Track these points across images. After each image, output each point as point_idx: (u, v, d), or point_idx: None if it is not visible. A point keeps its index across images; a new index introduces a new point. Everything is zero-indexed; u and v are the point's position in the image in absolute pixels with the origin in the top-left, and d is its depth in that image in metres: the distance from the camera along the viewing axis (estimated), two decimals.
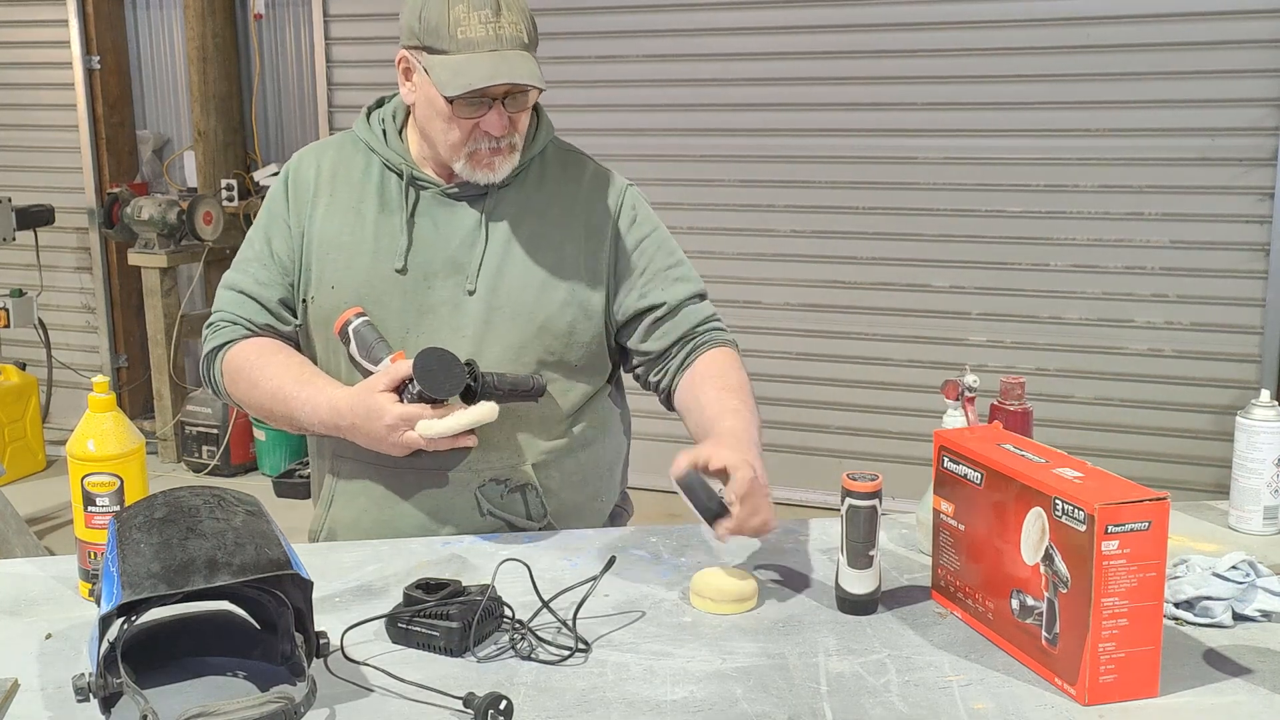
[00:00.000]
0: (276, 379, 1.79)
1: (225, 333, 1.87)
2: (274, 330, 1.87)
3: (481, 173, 1.79)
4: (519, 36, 1.71)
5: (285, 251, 1.87)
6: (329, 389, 1.76)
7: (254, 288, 1.87)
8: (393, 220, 1.83)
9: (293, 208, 1.88)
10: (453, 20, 1.69)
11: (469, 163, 1.78)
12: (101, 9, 5.34)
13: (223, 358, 1.86)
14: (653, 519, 2.26)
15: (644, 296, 1.87)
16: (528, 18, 1.73)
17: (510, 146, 1.79)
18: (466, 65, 1.69)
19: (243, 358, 1.84)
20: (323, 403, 1.75)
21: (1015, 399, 1.72)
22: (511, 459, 1.82)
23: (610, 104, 4.70)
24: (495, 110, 1.73)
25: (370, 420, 1.69)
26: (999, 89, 4.23)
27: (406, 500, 1.83)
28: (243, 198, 5.23)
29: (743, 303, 4.64)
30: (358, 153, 1.88)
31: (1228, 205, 4.05)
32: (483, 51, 1.69)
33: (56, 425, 5.41)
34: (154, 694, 1.27)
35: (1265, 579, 1.51)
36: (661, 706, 1.29)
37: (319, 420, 1.76)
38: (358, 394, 1.72)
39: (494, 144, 1.76)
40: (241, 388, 1.84)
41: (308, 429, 1.81)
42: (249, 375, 1.82)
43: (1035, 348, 4.33)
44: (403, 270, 1.81)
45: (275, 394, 1.79)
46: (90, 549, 1.53)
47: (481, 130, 1.75)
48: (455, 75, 1.69)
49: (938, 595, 1.56)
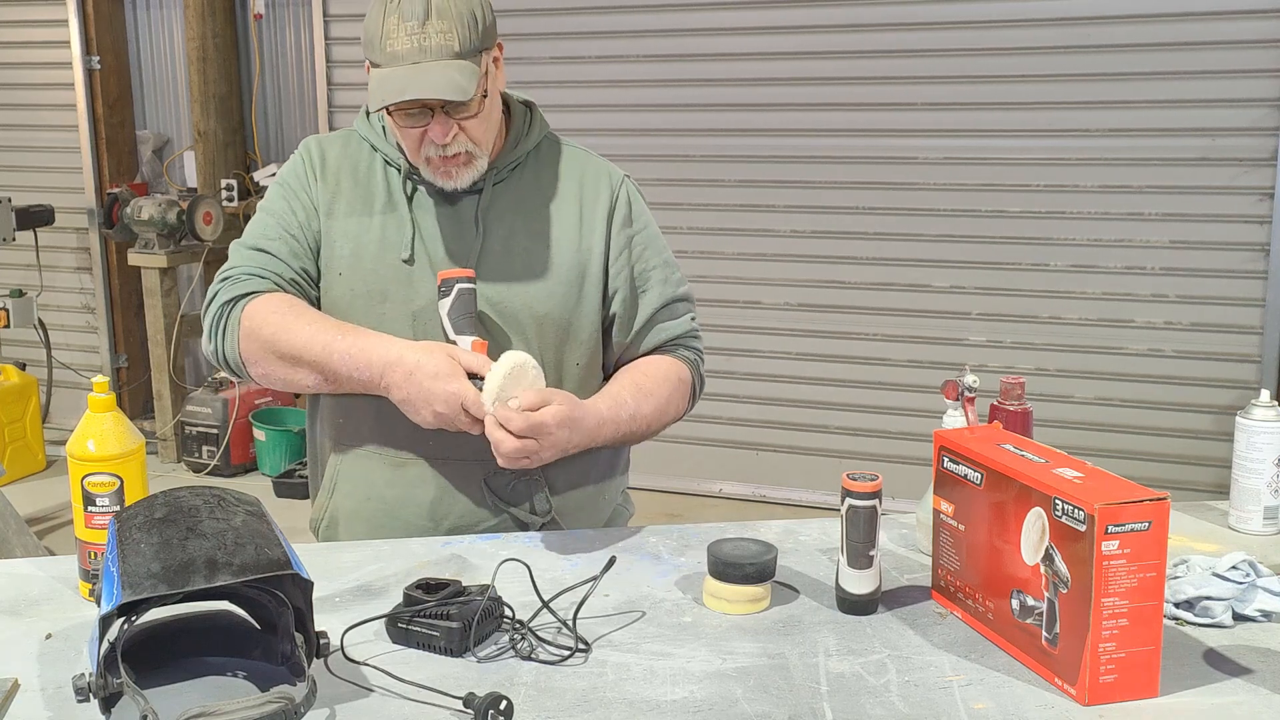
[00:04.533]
0: (315, 324, 1.74)
1: (249, 283, 1.79)
2: (300, 290, 1.82)
3: (440, 179, 1.80)
4: (447, 45, 1.68)
5: (310, 225, 1.84)
6: (387, 336, 1.72)
7: (279, 249, 1.82)
8: (396, 213, 1.84)
9: (313, 184, 1.86)
10: (384, 33, 1.69)
11: (429, 168, 1.79)
12: (101, 9, 5.35)
13: (244, 306, 1.77)
14: (653, 519, 2.26)
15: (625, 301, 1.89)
16: (465, 23, 1.69)
17: (466, 155, 1.77)
18: (388, 79, 1.69)
19: (271, 306, 1.76)
20: (376, 344, 1.69)
21: (1015, 399, 1.72)
22: None
23: (610, 104, 4.70)
24: (437, 119, 1.73)
25: (436, 380, 1.63)
26: (999, 89, 4.23)
27: (412, 489, 1.83)
28: (243, 198, 5.23)
29: (743, 303, 4.64)
30: (361, 149, 1.89)
31: (1228, 205, 4.05)
32: (404, 65, 1.68)
33: (56, 425, 5.41)
34: (154, 694, 1.27)
35: (1265, 579, 1.51)
36: (661, 706, 1.29)
37: (364, 361, 1.69)
38: (431, 349, 1.67)
39: (441, 151, 1.76)
40: (267, 334, 1.74)
41: (341, 376, 1.72)
42: (280, 320, 1.74)
43: (1035, 348, 4.33)
44: (409, 260, 1.81)
45: (312, 339, 1.72)
46: (90, 549, 1.53)
47: (429, 138, 1.75)
48: (378, 88, 1.70)
49: (938, 595, 1.56)
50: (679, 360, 1.92)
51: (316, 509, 1.94)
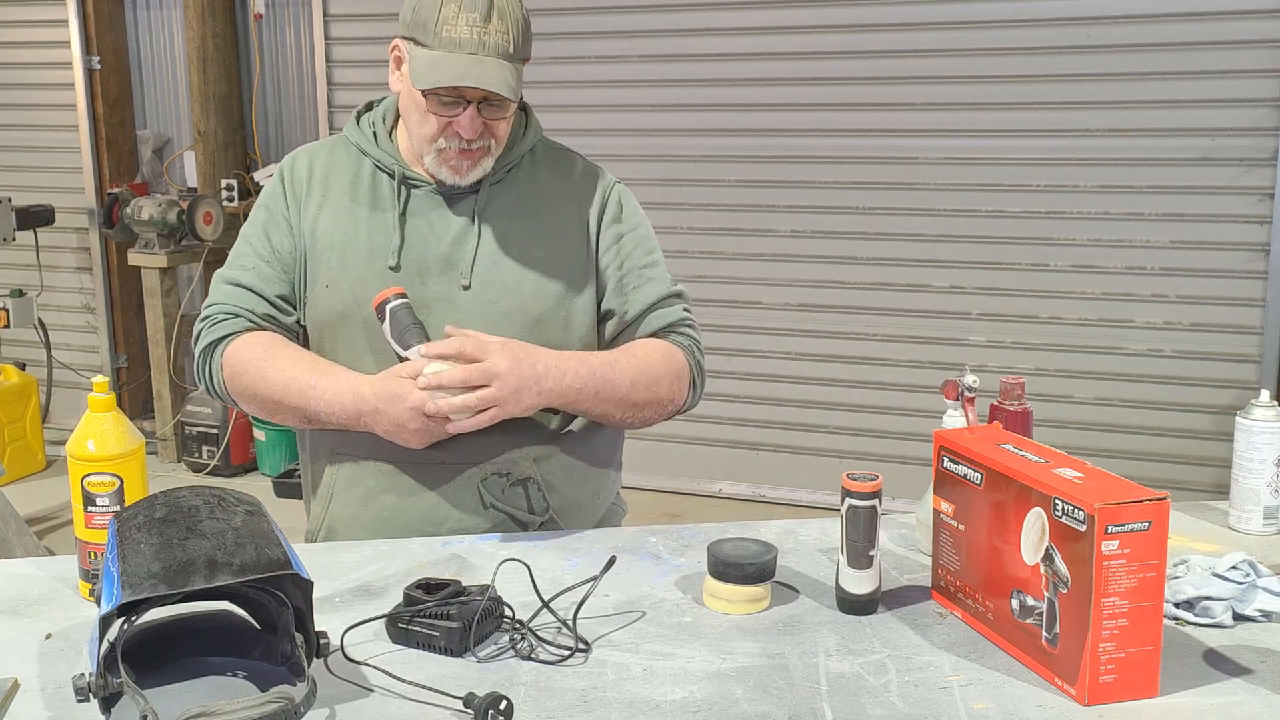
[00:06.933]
0: (290, 370, 1.77)
1: (225, 325, 1.84)
2: (276, 322, 1.86)
3: (447, 172, 1.81)
4: (504, 46, 1.72)
5: (287, 248, 1.87)
6: (350, 375, 1.76)
7: (254, 281, 1.85)
8: (384, 219, 1.84)
9: (292, 205, 1.88)
10: (442, 18, 1.70)
11: (437, 159, 1.80)
12: (101, 9, 5.34)
13: (224, 351, 1.83)
14: (652, 519, 2.26)
15: (615, 296, 1.89)
16: (520, 30, 1.74)
17: (483, 150, 1.80)
18: (442, 62, 1.70)
19: (248, 351, 1.81)
20: (345, 389, 1.73)
21: (1015, 399, 1.72)
22: (512, 452, 1.82)
23: (610, 104, 4.70)
24: (469, 113, 1.75)
25: (394, 404, 1.68)
26: (999, 89, 4.23)
27: (409, 496, 1.83)
28: (243, 198, 5.23)
29: (743, 303, 4.64)
30: (350, 155, 1.90)
31: (1228, 205, 4.05)
32: (462, 53, 1.70)
33: (56, 425, 5.41)
34: (154, 694, 1.27)
35: (1265, 579, 1.51)
36: (661, 706, 1.29)
37: (339, 407, 1.74)
38: (382, 378, 1.72)
39: (464, 145, 1.78)
40: (246, 381, 1.80)
41: (322, 419, 1.77)
42: (258, 368, 1.79)
43: (1035, 348, 4.33)
44: (396, 268, 1.82)
45: (289, 385, 1.76)
46: (90, 549, 1.53)
47: (453, 130, 1.76)
48: (429, 69, 1.71)
49: (938, 595, 1.56)
50: (669, 343, 1.89)
51: (313, 519, 1.94)
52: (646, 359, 1.84)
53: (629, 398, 1.81)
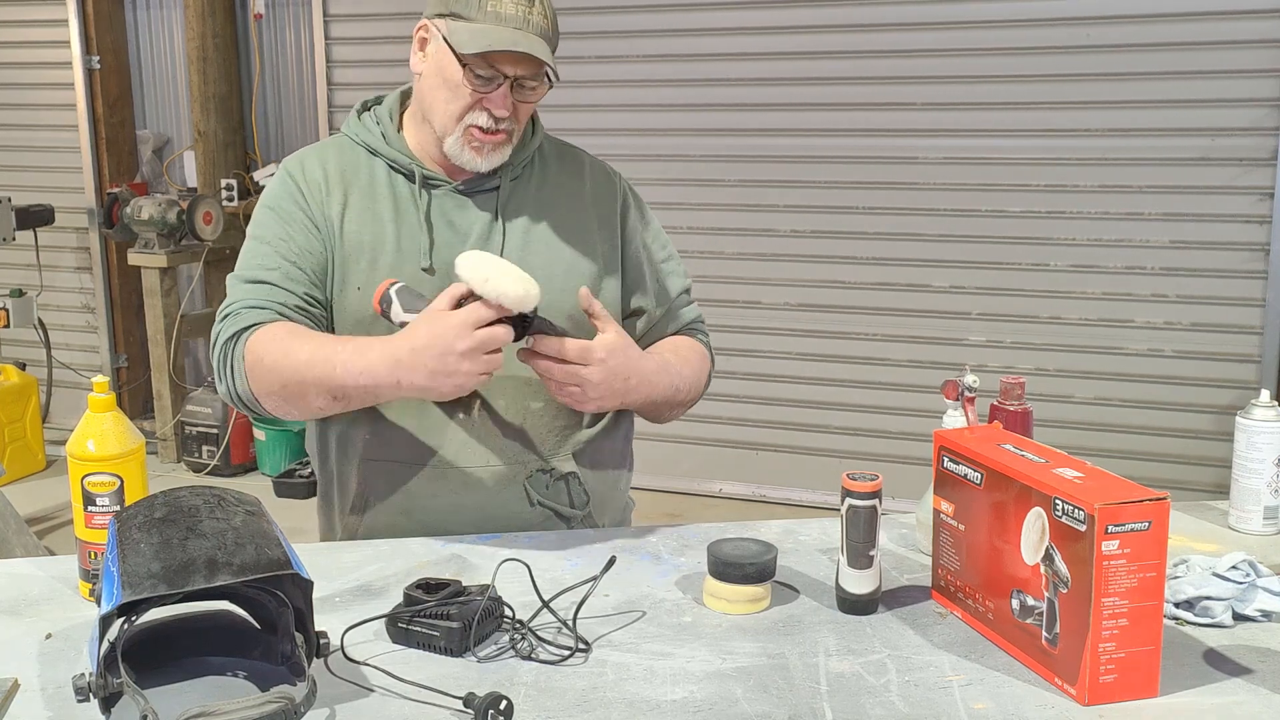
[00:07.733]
0: (315, 342, 1.68)
1: (250, 315, 1.73)
2: (306, 315, 1.76)
3: (469, 154, 1.78)
4: (545, 29, 1.74)
5: (317, 249, 1.78)
6: (379, 338, 1.65)
7: (278, 277, 1.76)
8: (409, 220, 1.81)
9: (314, 206, 1.80)
10: None
11: (461, 139, 1.77)
12: (101, 9, 5.35)
13: (246, 340, 1.71)
14: (653, 519, 2.26)
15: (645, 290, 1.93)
16: (554, 19, 1.76)
17: (507, 133, 1.78)
18: (490, 31, 1.70)
19: (270, 335, 1.70)
20: (375, 345, 1.62)
21: (1015, 399, 1.72)
22: (554, 448, 1.83)
23: (610, 104, 4.70)
24: (503, 89, 1.74)
25: (435, 340, 1.56)
26: (999, 89, 4.24)
27: (455, 496, 1.80)
28: (243, 198, 5.23)
29: (743, 303, 4.64)
30: (359, 155, 1.85)
31: (1228, 205, 4.05)
32: (509, 27, 1.70)
33: (56, 425, 5.41)
34: (154, 694, 1.27)
35: (1265, 579, 1.51)
36: (661, 706, 1.29)
37: (365, 367, 1.61)
38: (414, 324, 1.61)
39: (492, 124, 1.75)
40: (269, 363, 1.68)
41: (349, 388, 1.64)
42: (280, 345, 1.68)
43: (1035, 348, 4.33)
44: (429, 269, 1.79)
45: (314, 355, 1.65)
46: (90, 549, 1.53)
47: (483, 106, 1.74)
48: (476, 37, 1.70)
49: (938, 595, 1.56)
50: (697, 341, 1.98)
51: (346, 530, 1.87)
52: (693, 364, 1.91)
53: (677, 400, 1.88)
